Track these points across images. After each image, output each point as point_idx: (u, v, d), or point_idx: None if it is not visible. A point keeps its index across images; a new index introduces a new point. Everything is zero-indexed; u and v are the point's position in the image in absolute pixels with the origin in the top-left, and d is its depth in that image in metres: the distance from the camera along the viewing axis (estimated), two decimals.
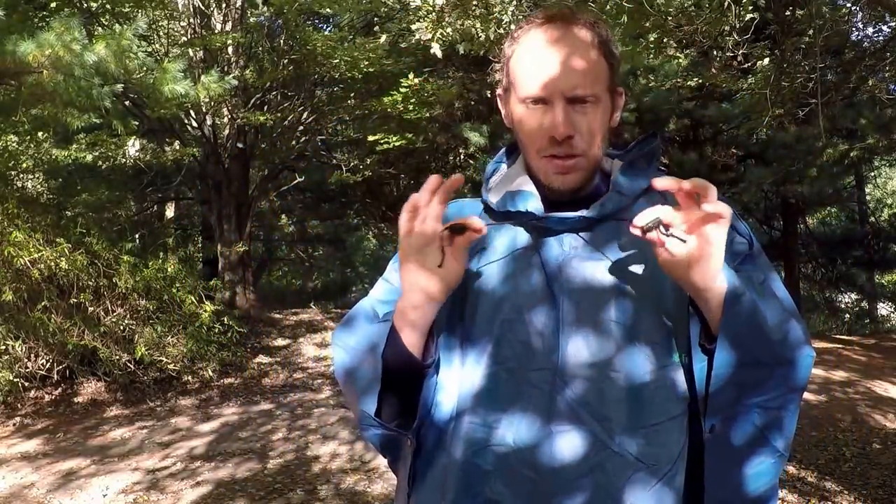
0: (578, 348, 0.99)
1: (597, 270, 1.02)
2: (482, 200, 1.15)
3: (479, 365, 1.03)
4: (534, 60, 1.02)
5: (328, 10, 8.74)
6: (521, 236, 1.07)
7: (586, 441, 0.96)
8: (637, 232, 0.93)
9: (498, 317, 1.03)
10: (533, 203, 1.06)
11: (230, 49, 8.66)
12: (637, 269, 1.02)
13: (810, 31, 4.35)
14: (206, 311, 6.72)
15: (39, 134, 7.82)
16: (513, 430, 0.99)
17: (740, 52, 4.44)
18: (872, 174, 15.99)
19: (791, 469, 4.32)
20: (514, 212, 1.07)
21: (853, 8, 5.12)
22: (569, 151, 1.02)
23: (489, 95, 8.09)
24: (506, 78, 1.09)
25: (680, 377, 0.99)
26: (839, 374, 6.92)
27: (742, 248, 1.05)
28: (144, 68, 5.98)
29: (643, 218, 0.92)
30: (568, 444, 0.96)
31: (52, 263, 5.87)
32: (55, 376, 6.14)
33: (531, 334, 1.01)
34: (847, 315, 14.73)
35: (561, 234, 1.05)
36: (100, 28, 7.07)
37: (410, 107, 8.12)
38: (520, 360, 1.00)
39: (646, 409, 0.97)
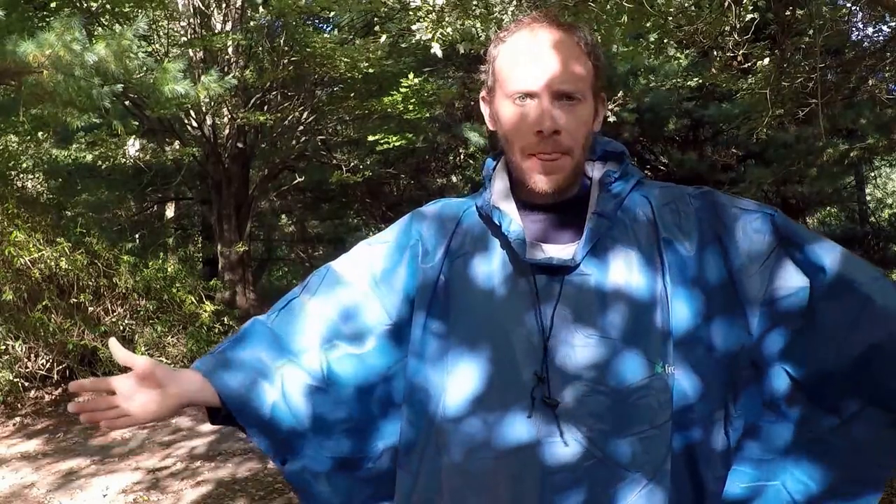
0: (565, 357, 0.98)
1: (584, 279, 1.02)
2: (476, 206, 1.13)
3: (469, 371, 1.03)
4: (520, 55, 1.02)
5: (328, 11, 8.73)
6: (509, 244, 1.06)
7: (574, 451, 0.96)
8: None
9: (486, 323, 1.03)
10: (508, 224, 1.05)
11: (230, 49, 8.66)
12: (624, 279, 1.02)
13: (810, 31, 4.34)
14: (206, 311, 6.72)
15: (39, 134, 7.81)
16: (502, 438, 0.98)
17: (740, 52, 4.44)
18: (872, 174, 15.98)
19: None
20: (498, 226, 1.07)
21: (853, 8, 5.11)
22: (555, 148, 1.01)
23: None
24: (491, 77, 1.08)
25: (664, 386, 0.98)
26: None
27: (765, 237, 1.02)
28: (144, 68, 5.97)
29: None
30: (556, 453, 0.96)
31: (52, 263, 5.87)
32: (55, 376, 6.14)
33: (519, 342, 1.00)
34: None
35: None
36: (100, 28, 7.06)
37: (410, 107, 8.12)
38: (507, 368, 1.00)
39: (633, 418, 0.96)
